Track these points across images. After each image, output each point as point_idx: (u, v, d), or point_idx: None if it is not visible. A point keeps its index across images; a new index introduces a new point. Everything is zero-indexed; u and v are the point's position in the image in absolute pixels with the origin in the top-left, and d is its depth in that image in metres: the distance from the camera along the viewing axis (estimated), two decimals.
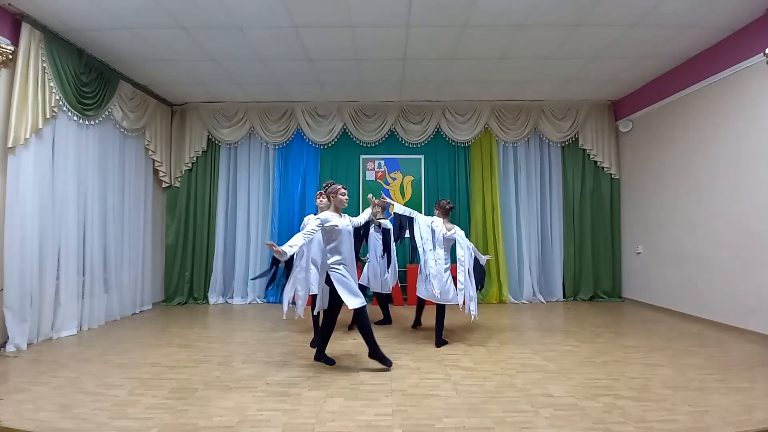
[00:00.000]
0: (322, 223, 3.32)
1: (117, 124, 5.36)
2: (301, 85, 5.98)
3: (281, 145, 6.80)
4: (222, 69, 5.40)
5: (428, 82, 5.94)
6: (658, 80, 5.74)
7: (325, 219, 3.34)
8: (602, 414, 2.56)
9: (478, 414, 2.57)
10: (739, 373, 3.25)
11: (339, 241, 3.36)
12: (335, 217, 3.39)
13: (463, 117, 6.74)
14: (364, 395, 2.86)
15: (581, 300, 6.56)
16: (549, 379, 3.15)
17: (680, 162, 5.39)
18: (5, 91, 3.97)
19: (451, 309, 4.15)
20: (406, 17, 4.20)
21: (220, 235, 6.69)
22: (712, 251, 4.86)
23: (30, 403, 2.72)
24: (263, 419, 2.50)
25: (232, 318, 5.50)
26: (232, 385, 3.05)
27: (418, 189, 6.90)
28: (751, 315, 4.36)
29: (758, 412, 2.57)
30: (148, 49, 4.81)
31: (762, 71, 4.17)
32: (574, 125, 6.72)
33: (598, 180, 6.78)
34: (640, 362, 3.52)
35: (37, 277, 4.15)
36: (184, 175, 6.69)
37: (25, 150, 4.04)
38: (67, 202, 4.56)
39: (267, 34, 4.52)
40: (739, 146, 4.53)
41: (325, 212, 3.44)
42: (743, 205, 4.47)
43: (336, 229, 3.34)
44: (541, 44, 4.76)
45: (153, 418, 2.51)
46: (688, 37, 4.62)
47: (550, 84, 6.00)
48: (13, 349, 3.82)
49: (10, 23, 4.00)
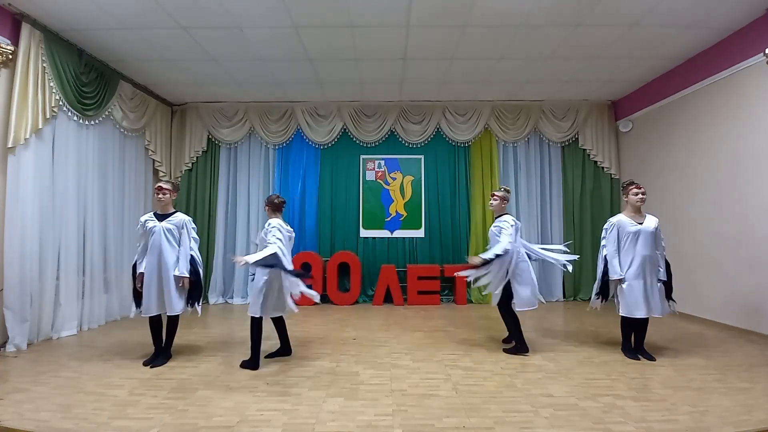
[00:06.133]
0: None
1: (117, 124, 5.36)
2: (301, 85, 5.98)
3: (281, 145, 6.81)
4: (222, 69, 5.40)
5: (428, 82, 5.94)
6: (658, 80, 5.74)
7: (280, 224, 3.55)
8: (602, 414, 2.56)
9: (478, 414, 2.57)
10: (739, 373, 3.25)
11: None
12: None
13: (463, 117, 6.74)
14: (364, 395, 2.86)
15: (581, 300, 6.56)
16: (549, 379, 3.15)
17: (680, 162, 5.39)
18: (5, 91, 3.97)
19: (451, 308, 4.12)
20: (406, 17, 4.20)
21: (220, 235, 6.69)
22: (712, 251, 4.86)
23: (30, 403, 2.72)
24: (263, 419, 2.50)
25: (232, 318, 5.50)
26: (232, 385, 3.05)
27: (418, 189, 6.90)
28: (751, 315, 4.36)
29: (758, 412, 2.57)
30: (148, 49, 4.81)
31: (762, 71, 4.16)
32: (574, 125, 6.72)
33: (598, 180, 6.78)
34: (640, 362, 3.51)
35: (37, 277, 4.15)
36: (184, 175, 6.70)
37: (25, 150, 4.04)
38: (67, 202, 4.56)
39: (267, 34, 4.52)
40: (739, 146, 4.53)
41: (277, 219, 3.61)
42: (743, 205, 4.46)
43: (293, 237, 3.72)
44: (541, 44, 4.76)
45: (153, 418, 2.51)
46: (688, 37, 4.62)
47: (550, 84, 6.00)
48: (13, 349, 3.83)
49: (10, 23, 4.00)
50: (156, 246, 3.49)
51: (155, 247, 3.49)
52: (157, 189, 3.59)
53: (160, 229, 3.51)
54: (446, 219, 6.78)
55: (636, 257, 3.53)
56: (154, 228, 3.51)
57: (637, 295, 3.49)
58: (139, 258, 3.56)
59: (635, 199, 3.59)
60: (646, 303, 3.48)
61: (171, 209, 3.66)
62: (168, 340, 3.65)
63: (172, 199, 3.66)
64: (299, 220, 6.69)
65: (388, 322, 5.14)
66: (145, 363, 3.49)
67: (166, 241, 3.50)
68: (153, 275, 3.46)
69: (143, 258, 3.54)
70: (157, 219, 3.57)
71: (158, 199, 3.59)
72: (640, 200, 3.58)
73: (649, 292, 3.49)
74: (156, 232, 3.50)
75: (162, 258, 3.48)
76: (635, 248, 3.55)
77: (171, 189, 3.64)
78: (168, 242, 3.51)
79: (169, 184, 3.65)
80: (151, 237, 3.51)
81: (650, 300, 3.49)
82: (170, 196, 3.62)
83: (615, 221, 3.69)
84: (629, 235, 3.57)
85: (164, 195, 3.58)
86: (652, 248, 3.55)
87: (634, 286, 3.50)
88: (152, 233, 3.51)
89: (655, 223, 3.60)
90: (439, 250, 6.76)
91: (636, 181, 3.71)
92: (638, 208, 3.62)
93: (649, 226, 3.56)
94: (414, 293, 6.25)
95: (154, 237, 3.50)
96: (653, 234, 3.56)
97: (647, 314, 3.49)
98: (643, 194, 3.60)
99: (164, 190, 3.58)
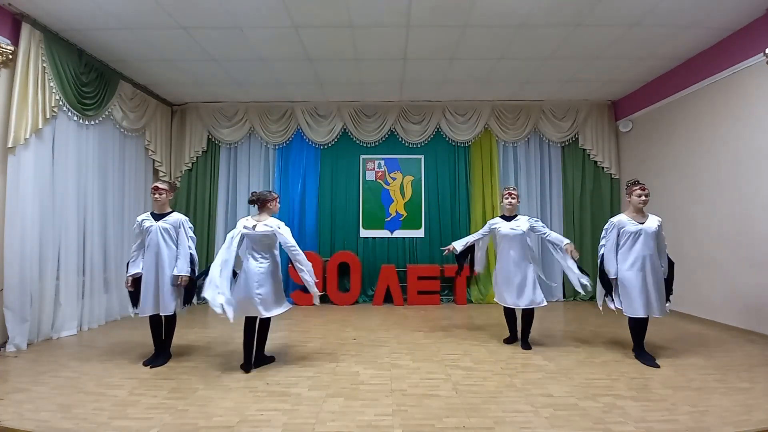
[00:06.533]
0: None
1: (117, 124, 5.36)
2: (301, 85, 5.98)
3: (281, 145, 6.80)
4: (222, 69, 5.40)
5: (428, 82, 5.94)
6: (658, 80, 5.74)
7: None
8: (602, 414, 2.56)
9: (478, 414, 2.57)
10: (739, 373, 3.24)
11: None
12: None
13: (463, 117, 6.74)
14: (364, 395, 2.86)
15: (581, 300, 6.56)
16: (549, 379, 3.15)
17: (680, 162, 5.39)
18: (5, 91, 3.97)
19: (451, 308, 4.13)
20: (406, 17, 4.20)
21: (220, 235, 6.67)
22: (712, 251, 4.86)
23: (30, 403, 2.72)
24: (263, 419, 2.50)
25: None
26: (232, 385, 3.05)
27: (418, 189, 6.90)
28: (751, 315, 4.36)
29: (758, 412, 2.57)
30: (148, 49, 4.81)
31: (762, 71, 4.16)
32: (574, 125, 6.72)
33: (598, 180, 6.78)
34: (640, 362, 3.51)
35: (37, 277, 4.15)
36: (184, 175, 6.70)
37: (25, 150, 4.04)
38: (67, 202, 4.56)
39: (267, 34, 4.52)
40: (738, 146, 4.53)
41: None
42: (743, 205, 4.46)
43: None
44: (541, 44, 4.76)
45: (153, 418, 2.51)
46: (688, 37, 4.62)
47: (550, 84, 6.00)
48: (13, 349, 3.83)
49: (10, 23, 4.00)
50: (153, 246, 3.49)
51: (152, 246, 3.49)
52: (154, 189, 3.60)
53: (156, 228, 3.51)
54: (446, 219, 6.78)
55: (636, 257, 3.52)
56: (150, 227, 3.52)
57: (636, 294, 3.48)
58: (134, 257, 3.56)
59: (637, 201, 3.56)
60: (646, 303, 3.46)
61: (168, 209, 3.66)
62: (167, 339, 3.65)
63: (168, 198, 3.65)
64: (299, 220, 6.69)
65: (388, 322, 5.14)
66: (145, 363, 3.49)
67: (162, 241, 3.51)
68: (150, 275, 3.47)
69: (138, 258, 3.54)
70: (154, 219, 3.57)
71: (155, 199, 3.59)
72: (642, 202, 3.55)
73: (649, 292, 3.47)
74: (153, 232, 3.50)
75: (159, 258, 3.48)
76: (636, 248, 3.53)
77: (167, 189, 3.64)
78: (165, 242, 3.51)
79: (166, 184, 3.65)
80: (148, 237, 3.51)
81: (650, 300, 3.47)
82: (167, 195, 3.62)
83: (616, 221, 3.67)
84: (630, 235, 3.55)
85: (160, 195, 3.58)
86: (652, 248, 3.52)
87: (633, 286, 3.49)
88: (149, 233, 3.51)
89: (657, 223, 3.58)
90: (439, 250, 6.74)
91: (641, 182, 3.65)
92: (640, 208, 3.60)
93: (651, 226, 3.54)
94: (414, 293, 6.25)
95: (151, 236, 3.50)
96: (654, 234, 3.53)
97: (645, 314, 3.48)
98: (646, 196, 3.55)
99: (160, 190, 3.58)
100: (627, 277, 3.53)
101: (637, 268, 3.50)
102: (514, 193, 4.09)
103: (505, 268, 4.02)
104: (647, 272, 3.48)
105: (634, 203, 3.59)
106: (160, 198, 3.58)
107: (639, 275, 3.48)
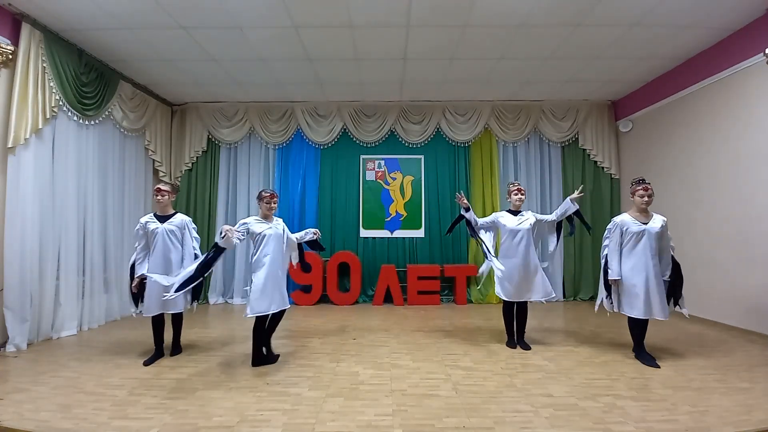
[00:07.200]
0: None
1: (117, 124, 5.36)
2: (301, 85, 5.98)
3: (281, 145, 6.80)
4: (222, 69, 5.40)
5: (428, 82, 5.94)
6: (658, 80, 5.74)
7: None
8: (602, 414, 2.56)
9: (478, 414, 2.57)
10: (739, 373, 3.25)
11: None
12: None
13: (463, 117, 6.74)
14: (364, 395, 2.87)
15: (581, 300, 6.56)
16: (549, 379, 3.15)
17: (680, 162, 5.39)
18: (5, 91, 3.97)
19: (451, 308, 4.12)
20: (406, 17, 4.20)
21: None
22: (712, 251, 4.86)
23: (30, 403, 2.72)
24: (263, 419, 2.50)
25: (232, 318, 5.50)
26: (232, 385, 3.05)
27: (418, 189, 6.90)
28: (751, 315, 4.36)
29: (758, 412, 2.57)
30: (148, 49, 4.81)
31: (762, 71, 4.17)
32: (574, 125, 6.72)
33: (598, 180, 6.78)
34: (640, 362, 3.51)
35: (37, 277, 4.15)
36: (184, 175, 6.70)
37: (25, 150, 4.04)
38: (67, 202, 4.56)
39: (267, 34, 4.52)
40: (738, 146, 4.53)
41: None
42: (743, 205, 4.46)
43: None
44: (541, 44, 4.76)
45: (153, 418, 2.51)
46: (688, 37, 4.62)
47: (550, 84, 6.00)
48: (13, 349, 3.83)
49: (10, 23, 4.01)
50: (159, 248, 3.52)
51: (159, 248, 3.52)
52: (156, 191, 3.60)
53: (162, 230, 3.53)
54: (446, 219, 6.77)
55: (639, 257, 3.50)
56: (156, 230, 3.53)
57: (637, 295, 3.47)
58: (140, 259, 3.57)
59: (639, 201, 3.55)
60: (647, 304, 3.45)
61: (170, 210, 3.67)
62: (176, 335, 3.75)
63: (171, 200, 3.66)
64: (299, 220, 6.68)
65: (388, 322, 5.14)
66: (145, 363, 3.49)
67: (169, 242, 3.54)
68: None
69: (144, 259, 3.55)
70: (158, 220, 3.58)
71: (157, 201, 3.60)
72: (644, 203, 3.53)
73: (651, 293, 3.45)
74: (159, 234, 3.52)
75: (166, 259, 3.51)
76: (638, 248, 3.51)
77: (170, 190, 3.65)
78: (171, 243, 3.55)
79: (168, 186, 3.66)
80: (154, 239, 3.53)
81: (651, 301, 3.46)
82: (169, 197, 3.63)
83: (618, 221, 3.66)
84: (632, 235, 3.54)
85: (163, 196, 3.59)
86: (655, 248, 3.51)
87: (634, 286, 3.49)
88: (155, 235, 3.53)
89: (661, 223, 3.55)
90: (439, 250, 6.76)
91: (646, 181, 3.61)
92: (643, 208, 3.58)
93: (655, 226, 3.51)
94: (414, 293, 6.25)
95: (157, 239, 3.52)
96: (658, 234, 3.50)
97: (646, 315, 3.46)
98: (649, 197, 3.52)
99: (163, 191, 3.59)
100: (629, 277, 3.53)
101: (639, 268, 3.49)
102: (522, 189, 4.11)
103: (513, 262, 3.96)
104: (649, 273, 3.46)
105: (637, 203, 3.58)
106: (162, 199, 3.59)
107: (641, 276, 3.47)
